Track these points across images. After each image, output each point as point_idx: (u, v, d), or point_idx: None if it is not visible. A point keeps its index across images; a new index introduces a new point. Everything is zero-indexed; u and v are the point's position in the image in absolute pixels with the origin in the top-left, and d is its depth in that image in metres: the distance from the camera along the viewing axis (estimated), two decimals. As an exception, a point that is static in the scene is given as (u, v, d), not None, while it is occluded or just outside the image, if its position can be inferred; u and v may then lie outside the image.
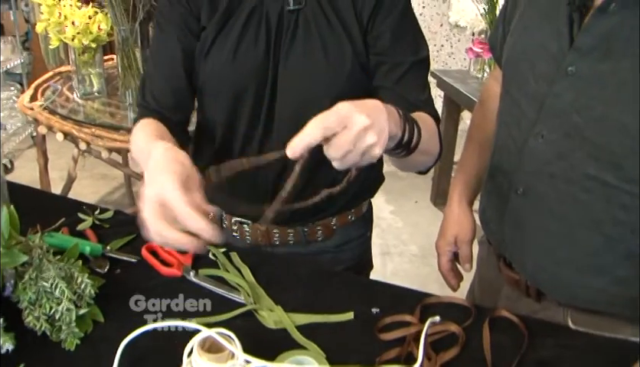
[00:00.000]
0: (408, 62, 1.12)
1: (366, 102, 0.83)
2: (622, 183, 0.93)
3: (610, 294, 1.02)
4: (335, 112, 0.78)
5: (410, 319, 0.97)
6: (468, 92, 3.04)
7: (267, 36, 1.10)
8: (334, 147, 0.79)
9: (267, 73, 1.11)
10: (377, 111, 0.81)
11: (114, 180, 3.78)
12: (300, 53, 1.10)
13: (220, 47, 1.12)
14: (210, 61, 1.13)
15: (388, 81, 1.12)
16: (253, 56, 1.10)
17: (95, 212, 1.24)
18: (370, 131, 0.78)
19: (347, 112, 0.78)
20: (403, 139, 0.90)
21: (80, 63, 2.43)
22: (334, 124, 0.78)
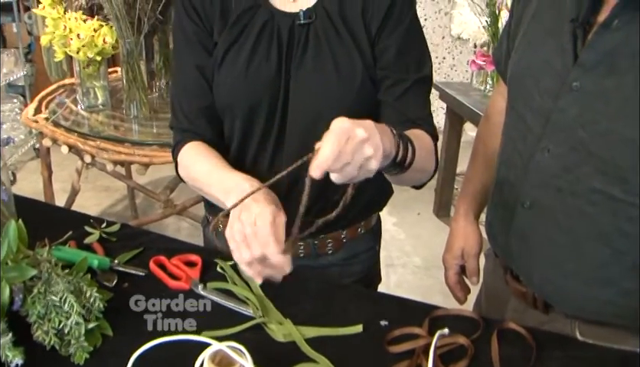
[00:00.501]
0: (410, 79, 1.13)
1: (361, 120, 0.85)
2: (628, 197, 0.93)
3: (617, 306, 1.02)
4: (340, 126, 0.81)
5: (419, 332, 0.97)
6: (470, 104, 3.04)
7: (279, 50, 1.11)
8: (337, 159, 0.81)
9: (279, 86, 1.12)
10: (371, 128, 0.84)
11: (117, 191, 3.79)
12: (311, 67, 1.11)
13: (232, 61, 1.12)
14: (222, 75, 1.14)
15: (390, 96, 1.13)
16: (265, 70, 1.11)
17: (102, 225, 1.25)
18: (367, 144, 0.82)
19: (349, 126, 0.81)
20: (397, 157, 0.93)
21: (85, 75, 2.44)
22: (345, 135, 0.81)
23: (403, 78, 1.12)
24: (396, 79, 1.12)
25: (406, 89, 1.12)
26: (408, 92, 1.13)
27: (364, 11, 1.11)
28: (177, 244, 1.23)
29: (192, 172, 1.13)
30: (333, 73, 1.10)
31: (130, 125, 2.42)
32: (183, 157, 1.15)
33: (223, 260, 1.14)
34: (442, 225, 3.62)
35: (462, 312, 1.04)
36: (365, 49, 1.11)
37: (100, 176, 3.46)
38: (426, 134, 1.11)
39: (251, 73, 1.11)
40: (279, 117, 1.13)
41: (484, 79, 3.20)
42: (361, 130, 0.81)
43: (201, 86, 1.15)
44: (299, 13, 1.11)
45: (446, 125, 3.50)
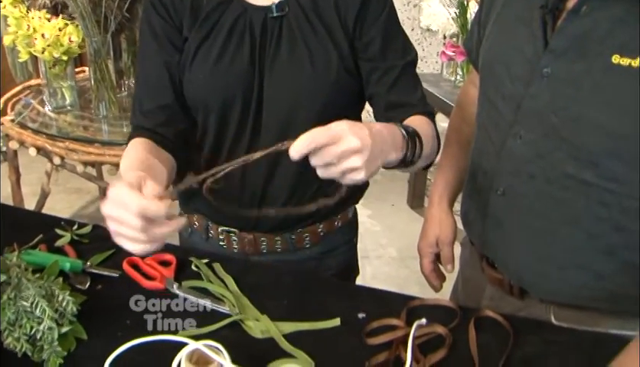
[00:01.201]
0: (399, 66, 1.13)
1: (372, 126, 0.85)
2: (601, 181, 0.94)
3: (591, 289, 1.03)
4: (333, 127, 0.81)
5: (397, 323, 0.97)
6: (441, 95, 3.06)
7: (251, 44, 1.10)
8: (319, 155, 0.81)
9: (253, 81, 1.11)
10: (377, 139, 0.84)
11: (88, 193, 3.73)
12: (285, 60, 1.10)
13: (204, 57, 1.11)
14: (194, 71, 1.12)
15: (381, 87, 1.13)
16: (238, 64, 1.10)
17: (73, 227, 1.22)
18: (356, 155, 0.81)
19: (342, 130, 0.80)
20: (405, 158, 0.95)
21: (51, 76, 2.39)
22: (328, 137, 0.80)
23: (392, 65, 1.13)
24: (385, 69, 1.13)
25: (396, 78, 1.13)
26: (399, 79, 1.13)
27: (337, 3, 1.11)
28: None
29: (121, 165, 1.05)
30: (308, 66, 1.10)
31: (100, 125, 2.38)
32: (125, 152, 1.08)
33: (198, 258, 1.13)
34: (416, 215, 3.63)
35: (439, 301, 1.05)
36: (341, 40, 1.11)
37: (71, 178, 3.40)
38: (425, 117, 1.12)
39: (223, 68, 1.10)
40: (253, 111, 1.12)
41: (455, 70, 3.21)
42: (355, 140, 0.80)
43: (164, 83, 1.13)
44: (272, 6, 1.10)
45: (418, 116, 3.50)
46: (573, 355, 0.94)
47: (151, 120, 1.13)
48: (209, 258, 1.13)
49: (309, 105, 1.11)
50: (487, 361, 0.91)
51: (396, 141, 0.92)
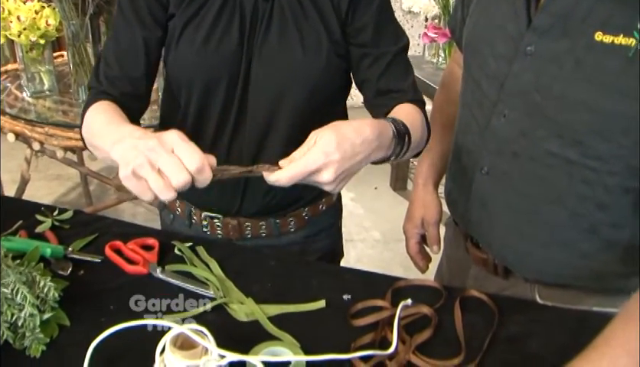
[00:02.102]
0: (391, 52, 1.12)
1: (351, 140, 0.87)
2: (584, 159, 0.95)
3: (575, 268, 1.04)
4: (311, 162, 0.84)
5: (382, 304, 0.97)
6: (423, 77, 3.05)
7: (241, 25, 1.08)
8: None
9: (240, 63, 1.09)
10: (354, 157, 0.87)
11: (69, 180, 3.69)
12: (275, 42, 1.08)
13: (191, 36, 1.09)
14: (180, 50, 1.10)
15: (373, 74, 1.13)
16: (225, 45, 1.08)
17: (54, 213, 1.20)
18: (327, 186, 0.87)
19: (318, 167, 0.85)
20: (390, 158, 0.97)
21: (29, 60, 2.35)
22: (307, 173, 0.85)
23: (384, 52, 1.12)
24: (376, 56, 1.12)
25: (388, 64, 1.12)
26: (390, 66, 1.13)
27: None
28: (132, 228, 1.20)
29: (91, 125, 1.03)
30: (298, 49, 1.08)
31: (79, 110, 2.32)
32: (87, 115, 1.06)
33: (181, 242, 1.12)
34: (400, 198, 3.64)
35: (424, 282, 1.05)
36: (333, 25, 1.10)
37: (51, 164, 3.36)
38: (415, 106, 1.11)
39: (211, 49, 1.08)
40: (238, 95, 1.11)
41: (437, 52, 3.21)
42: (329, 174, 0.85)
43: (139, 55, 1.11)
44: None
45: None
46: (557, 333, 0.94)
47: (117, 88, 1.10)
48: (193, 242, 1.12)
49: (297, 89, 1.10)
50: (472, 340, 0.91)
51: (384, 143, 0.93)
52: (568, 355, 0.80)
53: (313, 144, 0.85)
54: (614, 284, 1.04)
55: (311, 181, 0.86)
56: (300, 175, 0.84)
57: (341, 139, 0.85)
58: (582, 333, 0.84)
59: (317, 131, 0.87)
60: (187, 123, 1.16)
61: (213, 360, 0.78)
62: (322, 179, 0.85)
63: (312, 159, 0.84)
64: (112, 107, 1.05)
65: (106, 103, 1.06)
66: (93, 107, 1.06)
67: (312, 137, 0.87)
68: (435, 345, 0.90)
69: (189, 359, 0.76)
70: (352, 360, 0.85)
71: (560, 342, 0.92)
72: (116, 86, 1.11)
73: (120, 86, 1.11)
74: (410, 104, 1.11)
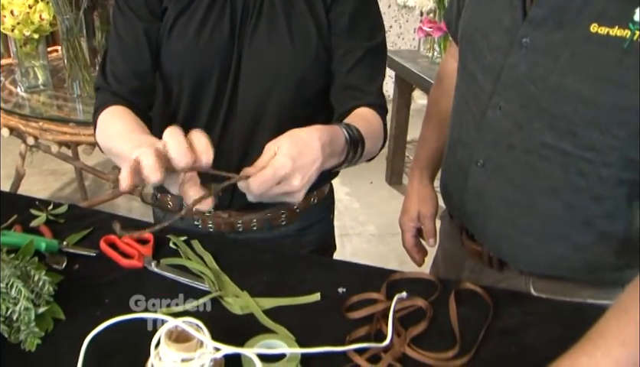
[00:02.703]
0: (362, 48, 1.11)
1: (310, 147, 0.84)
2: (579, 151, 0.95)
3: (570, 260, 1.04)
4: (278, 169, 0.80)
5: (377, 297, 0.97)
6: (418, 71, 3.06)
7: (232, 17, 1.08)
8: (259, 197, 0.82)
9: (231, 55, 1.09)
10: (308, 171, 0.83)
11: (64, 175, 3.69)
12: (265, 34, 1.08)
13: (182, 28, 1.09)
14: (172, 42, 1.10)
15: (342, 66, 1.12)
16: (217, 38, 1.08)
17: (48, 207, 1.20)
18: (297, 194, 0.83)
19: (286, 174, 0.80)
20: (341, 165, 0.96)
21: (22, 55, 2.34)
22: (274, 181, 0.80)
23: (356, 46, 1.11)
24: (348, 48, 1.11)
25: (357, 60, 1.11)
26: (359, 63, 1.12)
27: None
28: (127, 222, 1.20)
29: (107, 131, 1.04)
30: (287, 42, 1.08)
31: (74, 105, 2.34)
32: (102, 120, 1.07)
33: (176, 236, 1.12)
34: (395, 192, 3.65)
35: (419, 275, 1.05)
36: (321, 18, 1.10)
37: (46, 159, 3.36)
38: (375, 112, 1.10)
39: (202, 41, 1.08)
40: (230, 87, 1.11)
41: (432, 46, 3.21)
42: (297, 180, 0.81)
43: (142, 48, 1.11)
44: None
45: (395, 93, 3.51)
46: (551, 325, 0.95)
47: (125, 86, 1.11)
48: (188, 236, 1.12)
49: (286, 81, 1.10)
50: (467, 332, 0.91)
51: (336, 149, 0.91)
52: (562, 347, 0.80)
53: (274, 153, 0.81)
54: (608, 277, 1.04)
55: (278, 192, 0.81)
56: (270, 182, 0.79)
57: (301, 145, 0.82)
58: (576, 325, 0.84)
59: (273, 141, 0.83)
60: (178, 115, 1.15)
61: (208, 353, 0.77)
62: (293, 186, 0.81)
63: (280, 164, 0.79)
64: (126, 113, 1.06)
65: (120, 109, 1.07)
66: (108, 112, 1.06)
67: (270, 147, 0.82)
68: (430, 338, 0.90)
69: (184, 352, 0.76)
70: (347, 353, 0.85)
71: (554, 334, 0.92)
72: (124, 84, 1.11)
73: (128, 84, 1.11)
74: (370, 109, 1.10)
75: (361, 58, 1.11)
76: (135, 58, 1.11)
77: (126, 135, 0.96)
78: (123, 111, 1.07)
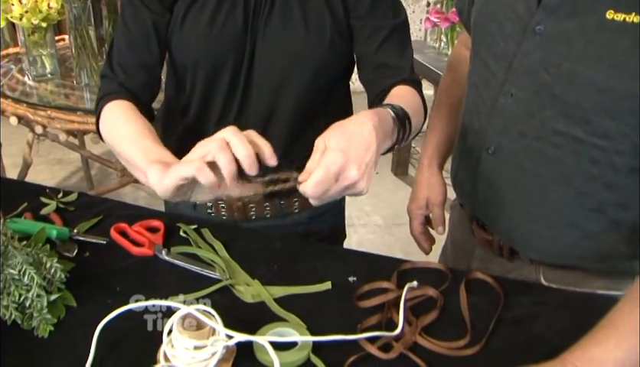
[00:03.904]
0: (389, 25, 1.11)
1: (359, 135, 0.81)
2: (592, 138, 0.94)
3: (580, 248, 1.04)
4: (330, 165, 0.77)
5: (388, 286, 0.97)
6: (425, 61, 3.05)
7: (245, 6, 1.08)
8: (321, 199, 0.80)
9: (245, 44, 1.09)
10: (364, 161, 0.80)
11: (70, 164, 3.69)
12: (279, 22, 1.08)
13: (195, 18, 1.08)
14: (185, 32, 1.09)
15: (370, 47, 1.11)
16: (230, 27, 1.08)
17: (58, 195, 1.20)
18: (358, 184, 0.79)
19: (340, 166, 0.77)
20: (397, 142, 0.93)
21: (30, 43, 2.34)
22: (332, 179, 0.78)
23: (381, 25, 1.10)
24: (373, 28, 1.10)
25: (384, 38, 1.10)
26: (387, 41, 1.11)
27: None
28: (137, 210, 1.20)
29: (118, 132, 1.03)
30: (302, 29, 1.08)
31: (82, 94, 2.34)
32: (109, 113, 1.06)
33: (186, 224, 1.12)
34: (401, 183, 3.64)
35: (429, 264, 1.05)
36: (336, 3, 1.09)
37: (53, 148, 3.36)
38: (411, 87, 1.09)
39: (215, 31, 1.07)
40: (243, 77, 1.11)
41: (439, 37, 3.20)
42: (354, 171, 0.77)
43: (150, 41, 1.10)
44: None
45: (402, 83, 3.49)
46: (562, 316, 0.94)
47: (132, 79, 1.10)
48: (198, 224, 1.13)
49: (302, 70, 1.09)
50: (478, 322, 0.91)
51: (387, 129, 0.89)
52: (572, 337, 0.80)
53: (324, 148, 0.79)
54: (619, 266, 1.04)
55: (338, 189, 0.79)
56: (325, 181, 0.77)
57: (349, 135, 0.80)
58: (586, 316, 0.84)
59: (322, 136, 0.81)
60: (191, 107, 1.15)
61: (221, 340, 0.78)
62: (350, 178, 0.77)
63: (331, 160, 0.77)
64: (134, 112, 1.05)
65: (125, 105, 1.06)
66: (114, 107, 1.06)
67: (320, 142, 0.81)
68: (441, 327, 0.90)
69: (197, 340, 0.77)
70: (359, 341, 0.85)
71: (564, 325, 0.92)
72: (131, 77, 1.10)
73: (135, 77, 1.10)
74: (406, 86, 1.09)
75: (388, 36, 1.11)
76: (143, 50, 1.10)
77: (137, 141, 0.96)
78: (129, 108, 1.05)
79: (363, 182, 0.79)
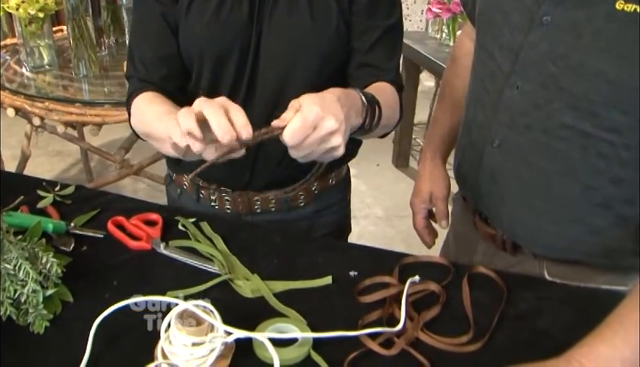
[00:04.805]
0: (382, 26, 1.11)
1: (336, 95, 0.85)
2: (600, 132, 0.93)
3: (586, 244, 1.02)
4: (307, 115, 0.79)
5: (390, 281, 0.96)
6: (426, 52, 3.04)
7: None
8: (300, 148, 0.81)
9: (251, 33, 1.08)
10: (340, 114, 0.83)
11: (69, 156, 3.68)
12: (285, 11, 1.07)
13: (200, 7, 1.08)
14: (190, 23, 1.09)
15: (360, 45, 1.12)
16: (236, 16, 1.07)
17: (55, 188, 1.19)
18: (335, 136, 0.81)
19: (317, 115, 0.80)
20: (363, 125, 0.94)
21: (28, 34, 2.32)
22: (308, 128, 0.80)
23: (374, 25, 1.11)
24: (366, 27, 1.11)
25: (376, 40, 1.11)
26: (378, 42, 1.11)
27: None
28: (135, 203, 1.19)
29: (144, 116, 1.05)
30: (308, 18, 1.07)
31: (80, 85, 2.33)
32: (136, 105, 1.08)
33: (185, 217, 1.10)
34: (402, 175, 3.64)
35: (432, 258, 1.04)
36: None
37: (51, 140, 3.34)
38: (392, 86, 1.11)
39: (221, 20, 1.07)
40: (250, 65, 1.10)
41: (440, 28, 3.18)
42: (332, 121, 0.80)
43: (164, 33, 1.10)
44: None
45: (403, 74, 3.48)
46: (565, 311, 0.93)
47: (154, 73, 1.11)
48: (197, 217, 1.11)
49: (308, 58, 1.09)
50: (481, 317, 0.90)
51: (356, 107, 0.91)
52: (576, 332, 0.79)
53: (299, 106, 0.81)
54: (624, 262, 1.03)
55: (318, 138, 0.80)
56: (302, 129, 0.79)
57: (322, 96, 0.83)
58: (590, 311, 0.83)
59: (294, 101, 0.83)
60: (198, 96, 1.14)
61: (219, 337, 0.77)
62: (328, 127, 0.80)
63: (308, 109, 0.79)
64: (159, 98, 1.06)
65: (151, 94, 1.07)
66: (141, 98, 1.07)
67: (294, 102, 0.83)
68: (444, 322, 0.89)
69: (195, 336, 0.75)
70: (360, 337, 0.84)
71: (568, 320, 0.91)
72: (153, 71, 1.11)
73: (156, 71, 1.11)
74: (388, 83, 1.11)
75: (379, 38, 1.11)
76: (160, 44, 1.11)
77: (164, 117, 0.96)
78: (155, 95, 1.07)
79: (340, 135, 0.81)
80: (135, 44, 1.15)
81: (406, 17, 4.94)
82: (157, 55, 1.11)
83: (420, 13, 4.62)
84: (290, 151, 0.82)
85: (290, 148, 0.82)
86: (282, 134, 0.80)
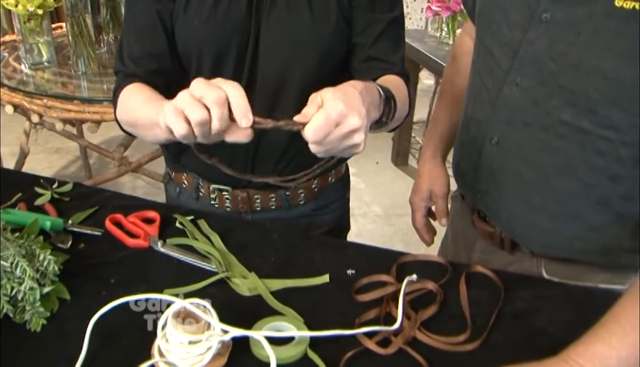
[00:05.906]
0: (385, 19, 1.11)
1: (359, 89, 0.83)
2: (598, 129, 0.93)
3: (584, 241, 1.02)
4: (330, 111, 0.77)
5: (387, 279, 0.96)
6: (426, 51, 3.03)
7: None
8: (322, 144, 0.78)
9: (249, 29, 1.07)
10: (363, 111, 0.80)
11: (68, 153, 3.68)
12: (283, 7, 1.06)
13: (198, 5, 1.07)
14: (188, 20, 1.08)
15: (365, 39, 1.11)
16: (235, 12, 1.06)
17: (53, 185, 1.19)
18: (358, 132, 0.79)
19: (341, 112, 0.77)
20: (380, 119, 0.93)
21: (26, 31, 2.31)
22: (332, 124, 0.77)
23: (379, 18, 1.10)
24: (369, 21, 1.10)
25: (380, 33, 1.11)
26: (382, 35, 1.11)
27: None
28: (133, 201, 1.19)
29: (130, 103, 1.04)
30: (307, 14, 1.06)
31: (79, 82, 2.32)
32: (123, 95, 1.07)
33: (183, 215, 1.10)
34: (401, 173, 3.63)
35: (429, 257, 1.04)
36: None
37: (50, 137, 3.35)
38: (401, 79, 1.11)
39: (219, 16, 1.06)
40: (249, 62, 1.09)
41: (440, 26, 3.18)
42: (355, 118, 0.77)
43: (157, 31, 1.09)
44: None
45: (403, 72, 3.48)
46: (563, 310, 0.94)
47: (143, 67, 1.10)
48: (195, 215, 1.11)
49: (307, 55, 1.08)
50: (478, 316, 0.90)
51: (374, 99, 0.90)
52: (574, 331, 0.79)
53: (321, 100, 0.79)
54: (621, 260, 1.03)
55: (341, 135, 0.78)
56: (325, 126, 0.76)
57: (344, 90, 0.80)
58: (588, 310, 0.83)
59: (316, 93, 0.81)
60: None
61: (216, 335, 0.77)
62: (351, 125, 0.77)
63: (332, 106, 0.76)
64: (146, 87, 1.05)
65: (138, 84, 1.06)
66: (127, 90, 1.06)
67: (315, 96, 0.81)
68: (441, 321, 0.89)
69: (192, 334, 0.75)
70: (357, 336, 0.84)
71: (566, 319, 0.91)
72: (141, 66, 1.10)
73: (145, 66, 1.10)
74: (396, 76, 1.10)
75: (383, 31, 1.11)
76: (151, 41, 1.10)
77: (152, 103, 0.96)
78: (141, 86, 1.06)
79: (362, 132, 0.79)
80: (126, 40, 1.13)
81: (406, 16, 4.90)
82: (147, 51, 1.10)
83: (420, 11, 4.61)
84: (310, 145, 0.80)
85: (310, 144, 0.79)
86: (304, 130, 0.78)
